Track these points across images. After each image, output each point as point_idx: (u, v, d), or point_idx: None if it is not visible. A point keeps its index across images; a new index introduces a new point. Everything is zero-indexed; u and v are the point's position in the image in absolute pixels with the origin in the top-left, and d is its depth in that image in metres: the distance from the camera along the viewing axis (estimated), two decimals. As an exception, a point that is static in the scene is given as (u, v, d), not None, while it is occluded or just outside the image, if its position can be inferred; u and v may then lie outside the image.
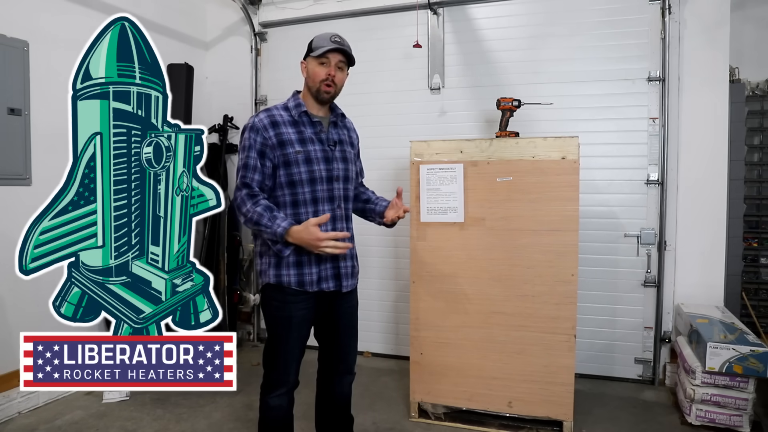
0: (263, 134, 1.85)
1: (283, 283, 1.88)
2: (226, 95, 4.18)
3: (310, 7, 3.90)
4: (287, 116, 1.90)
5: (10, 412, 2.74)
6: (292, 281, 1.87)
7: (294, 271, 1.87)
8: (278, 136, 1.86)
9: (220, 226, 3.79)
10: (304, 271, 1.87)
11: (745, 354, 2.50)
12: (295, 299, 1.89)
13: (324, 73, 1.87)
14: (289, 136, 1.87)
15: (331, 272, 1.92)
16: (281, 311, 1.91)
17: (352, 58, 1.91)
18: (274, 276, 1.89)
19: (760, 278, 3.77)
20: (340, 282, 1.93)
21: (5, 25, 2.72)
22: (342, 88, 1.96)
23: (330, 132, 1.95)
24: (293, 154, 1.85)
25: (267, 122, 1.87)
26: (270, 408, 1.96)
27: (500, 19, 3.51)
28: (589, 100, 3.31)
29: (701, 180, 3.17)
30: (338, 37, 1.89)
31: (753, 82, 3.73)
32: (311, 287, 1.88)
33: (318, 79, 1.88)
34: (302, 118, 1.91)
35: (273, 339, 1.95)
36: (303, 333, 1.95)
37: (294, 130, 1.88)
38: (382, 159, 3.69)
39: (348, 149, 2.01)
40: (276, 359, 1.95)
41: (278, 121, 1.88)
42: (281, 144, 1.86)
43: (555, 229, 2.55)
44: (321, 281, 1.90)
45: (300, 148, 1.86)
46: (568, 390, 2.57)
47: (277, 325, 1.93)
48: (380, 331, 3.83)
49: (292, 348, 1.92)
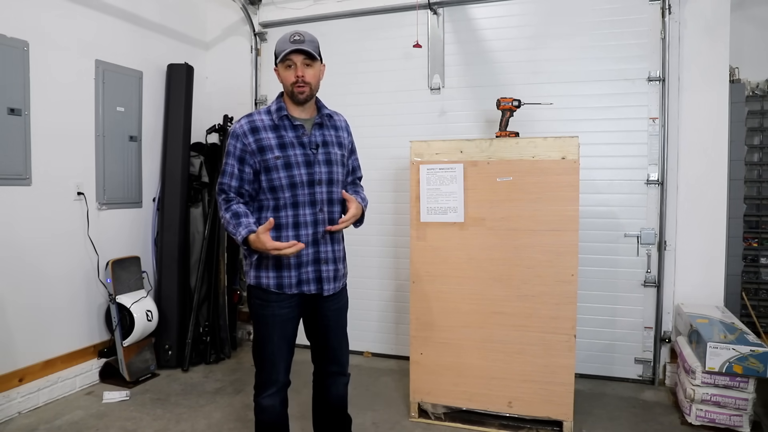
0: (242, 140, 1.86)
1: (262, 285, 1.91)
2: (226, 95, 4.18)
3: (310, 7, 3.90)
4: (268, 120, 1.89)
5: (10, 412, 2.74)
6: (270, 283, 1.89)
7: (273, 274, 1.89)
8: (258, 142, 1.86)
9: (220, 226, 3.79)
10: (283, 274, 1.89)
11: (745, 354, 2.50)
12: (278, 298, 1.90)
13: (292, 76, 1.85)
14: (269, 142, 1.86)
15: (312, 275, 1.91)
16: (264, 310, 1.92)
17: (313, 53, 1.84)
18: (254, 278, 1.92)
19: (760, 278, 3.77)
20: (321, 285, 1.93)
21: (5, 25, 2.72)
22: (319, 82, 1.92)
23: (313, 134, 1.92)
24: (272, 160, 1.85)
25: (247, 128, 1.87)
26: (263, 409, 1.96)
27: (500, 19, 3.51)
28: (589, 100, 3.31)
29: (701, 180, 3.17)
30: (298, 35, 1.84)
31: (753, 82, 3.73)
32: (290, 290, 1.90)
33: (288, 82, 1.86)
34: (283, 122, 1.90)
35: (258, 338, 1.97)
36: (287, 332, 1.95)
37: (274, 134, 1.88)
38: (382, 159, 3.69)
39: (334, 150, 1.96)
40: (263, 359, 1.96)
41: (258, 126, 1.88)
42: (261, 150, 1.86)
43: (555, 229, 2.55)
44: (301, 284, 1.90)
45: (279, 153, 1.86)
46: (568, 390, 2.58)
47: (261, 324, 1.94)
48: (380, 331, 3.83)
49: (278, 347, 1.93)
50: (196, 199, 3.80)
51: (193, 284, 3.70)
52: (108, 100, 3.32)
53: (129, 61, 3.47)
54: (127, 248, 3.50)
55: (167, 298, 3.56)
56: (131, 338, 3.23)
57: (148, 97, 3.64)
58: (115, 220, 3.43)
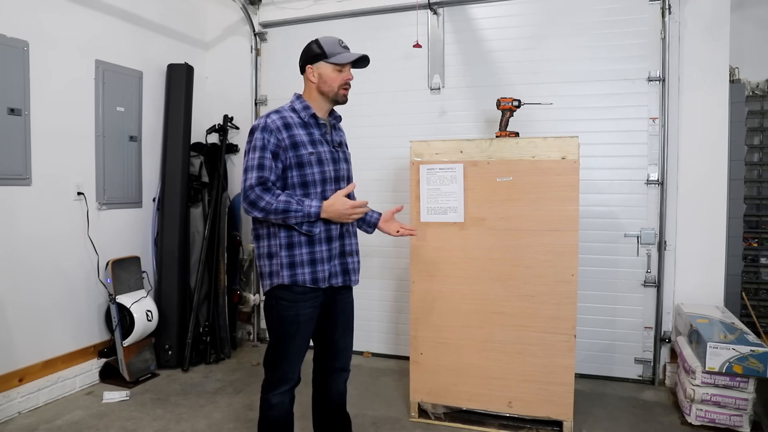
0: (277, 135, 1.88)
1: (297, 281, 1.90)
2: (226, 95, 4.18)
3: (310, 7, 3.90)
4: (297, 118, 1.94)
5: (10, 412, 2.74)
6: (307, 279, 1.90)
7: (309, 269, 1.91)
8: (291, 138, 1.89)
9: (220, 226, 3.79)
10: (317, 269, 1.92)
11: (745, 354, 2.50)
12: (304, 297, 1.92)
13: (341, 79, 1.95)
14: (301, 138, 1.91)
15: (339, 268, 1.98)
16: (289, 311, 1.93)
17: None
18: (289, 276, 1.90)
19: (760, 278, 3.77)
20: (348, 277, 2.01)
21: (5, 25, 2.72)
22: None
23: (333, 133, 2.03)
24: (306, 156, 1.90)
25: (280, 124, 1.89)
26: (272, 406, 1.98)
27: (500, 19, 3.51)
28: (589, 100, 3.31)
29: (701, 180, 3.17)
30: (344, 42, 1.98)
31: (753, 82, 3.73)
32: (323, 283, 1.94)
33: (336, 84, 1.95)
34: (311, 120, 1.96)
35: (281, 339, 1.96)
36: (308, 331, 1.99)
37: (305, 131, 1.93)
38: (382, 159, 3.69)
39: (347, 150, 2.11)
40: (282, 359, 1.96)
41: (290, 123, 1.92)
42: (294, 146, 1.89)
43: (555, 229, 2.55)
44: (331, 277, 1.96)
45: (312, 149, 1.92)
46: (568, 390, 2.58)
47: (287, 325, 1.94)
48: (380, 331, 3.83)
49: (299, 347, 1.96)
50: (196, 199, 3.80)
51: (193, 284, 3.70)
52: (108, 100, 3.32)
53: (129, 61, 3.47)
54: (127, 248, 3.50)
55: (167, 298, 3.56)
56: (131, 338, 3.23)
57: (148, 97, 3.63)
58: (115, 220, 3.43)
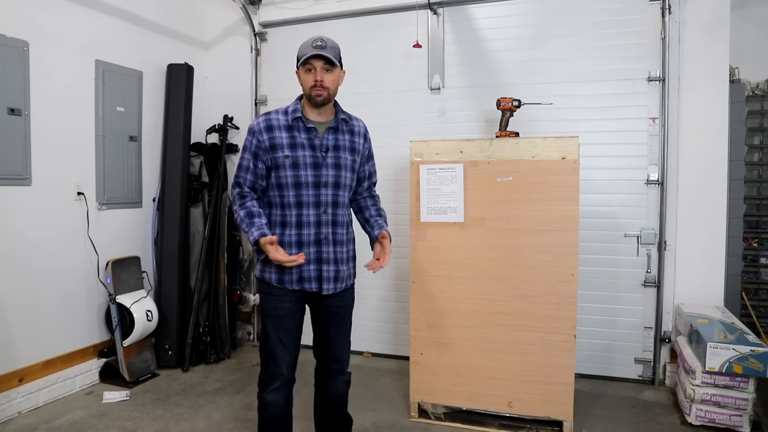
0: (258, 137, 1.96)
1: (265, 279, 1.99)
2: (226, 95, 4.18)
3: (310, 7, 3.90)
4: (284, 120, 1.96)
5: (10, 412, 2.74)
6: (273, 278, 1.97)
7: (275, 269, 1.96)
8: (271, 140, 1.94)
9: (220, 226, 3.79)
10: (284, 270, 1.94)
11: (745, 354, 2.50)
12: (279, 292, 1.97)
13: (311, 80, 1.91)
14: (281, 141, 1.94)
15: (314, 274, 1.96)
16: (266, 303, 2.01)
17: (333, 60, 1.90)
18: (260, 271, 2.01)
19: (760, 278, 3.78)
20: (321, 285, 1.97)
21: (5, 25, 2.72)
22: (337, 87, 1.98)
23: (326, 138, 1.97)
24: (281, 159, 1.93)
25: (263, 126, 1.96)
26: (266, 404, 1.98)
27: (500, 19, 3.51)
28: (589, 100, 3.31)
29: (701, 180, 3.17)
30: (320, 41, 1.89)
31: (753, 82, 3.73)
32: (290, 285, 1.96)
33: (307, 86, 1.93)
34: (297, 123, 1.96)
35: (263, 331, 2.02)
36: (288, 326, 1.99)
37: (287, 134, 1.95)
38: (382, 159, 3.63)
39: (345, 155, 1.99)
40: (267, 353, 2.01)
41: (273, 125, 1.96)
42: (273, 147, 1.94)
43: (555, 229, 2.55)
44: (303, 281, 1.96)
45: (289, 152, 1.93)
46: (568, 390, 2.58)
47: (266, 316, 2.01)
48: (380, 331, 3.83)
49: (279, 341, 1.97)
50: (196, 199, 3.80)
51: (193, 284, 3.70)
52: (108, 100, 3.32)
53: (129, 61, 3.47)
54: (127, 248, 3.50)
55: (167, 298, 3.56)
56: (131, 338, 3.23)
57: (148, 97, 3.63)
58: (115, 220, 3.43)
